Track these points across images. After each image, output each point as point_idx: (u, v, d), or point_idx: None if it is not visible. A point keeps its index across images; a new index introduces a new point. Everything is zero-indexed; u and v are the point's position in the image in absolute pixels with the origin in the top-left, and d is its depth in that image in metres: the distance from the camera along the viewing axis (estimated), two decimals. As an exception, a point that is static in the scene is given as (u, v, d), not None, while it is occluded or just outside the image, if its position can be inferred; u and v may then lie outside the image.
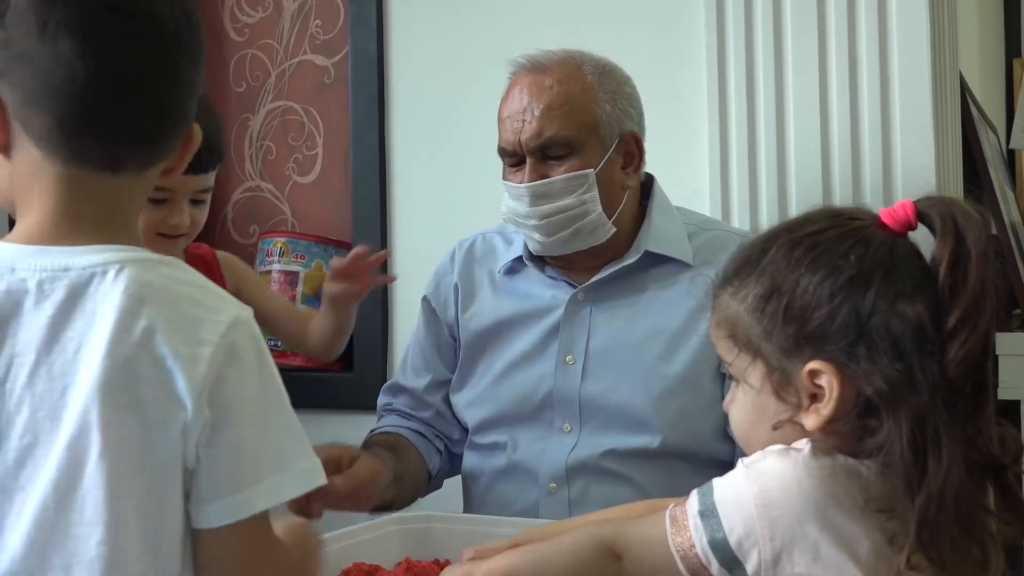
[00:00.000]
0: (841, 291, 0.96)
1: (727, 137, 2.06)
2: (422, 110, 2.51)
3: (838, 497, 0.93)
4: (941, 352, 0.95)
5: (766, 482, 0.94)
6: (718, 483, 0.98)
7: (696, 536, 0.96)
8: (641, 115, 1.75)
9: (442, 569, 1.31)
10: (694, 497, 0.98)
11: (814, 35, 1.99)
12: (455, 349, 1.82)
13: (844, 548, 0.92)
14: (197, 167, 1.65)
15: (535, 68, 1.70)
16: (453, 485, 1.82)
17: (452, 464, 1.83)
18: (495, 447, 1.72)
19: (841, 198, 1.95)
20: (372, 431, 1.78)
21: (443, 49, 2.49)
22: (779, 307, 0.98)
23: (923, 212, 1.00)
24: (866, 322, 0.95)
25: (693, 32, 2.13)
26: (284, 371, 2.18)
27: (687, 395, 1.65)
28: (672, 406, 1.64)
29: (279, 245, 2.63)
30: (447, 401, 1.81)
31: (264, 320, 1.80)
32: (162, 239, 1.69)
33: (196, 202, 1.70)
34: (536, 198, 1.65)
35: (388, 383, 1.90)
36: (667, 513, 0.99)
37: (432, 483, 1.81)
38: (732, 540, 0.94)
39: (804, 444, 0.96)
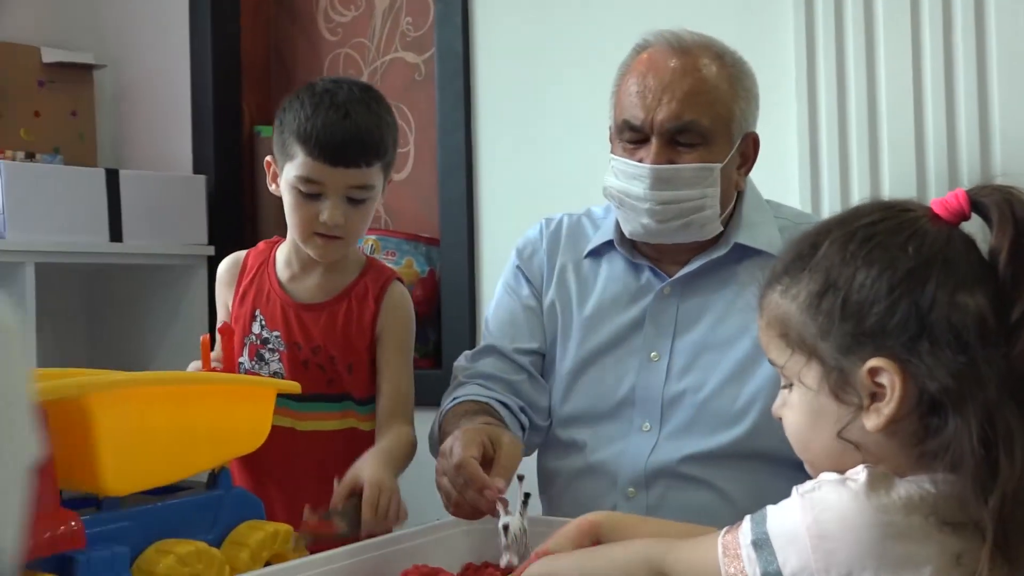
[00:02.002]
0: (900, 284, 0.92)
1: (816, 129, 1.99)
2: (508, 106, 2.50)
3: (897, 526, 0.89)
4: (1007, 344, 0.90)
5: (821, 513, 0.90)
6: (772, 512, 0.93)
7: (749, 567, 0.92)
8: (758, 115, 1.69)
9: (504, 574, 1.30)
10: (747, 525, 0.94)
11: (907, 21, 1.91)
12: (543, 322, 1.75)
13: None
14: (345, 160, 1.56)
15: (679, 48, 1.61)
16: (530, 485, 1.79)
17: (528, 443, 1.69)
18: (573, 445, 1.67)
19: (937, 191, 1.87)
20: (454, 399, 1.65)
21: (528, 45, 2.47)
22: (835, 304, 0.94)
23: (977, 201, 0.95)
24: (927, 315, 0.91)
25: (781, 20, 2.07)
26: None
27: (775, 394, 1.58)
28: (758, 406, 1.58)
29: (370, 243, 2.65)
30: (538, 368, 1.73)
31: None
32: (320, 239, 1.61)
33: (354, 202, 1.60)
34: (659, 182, 1.58)
35: (470, 351, 1.78)
36: (719, 540, 0.96)
37: None
38: (786, 573, 0.90)
39: (861, 472, 0.92)
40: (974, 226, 0.97)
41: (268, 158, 1.68)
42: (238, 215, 3.02)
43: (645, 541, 1.03)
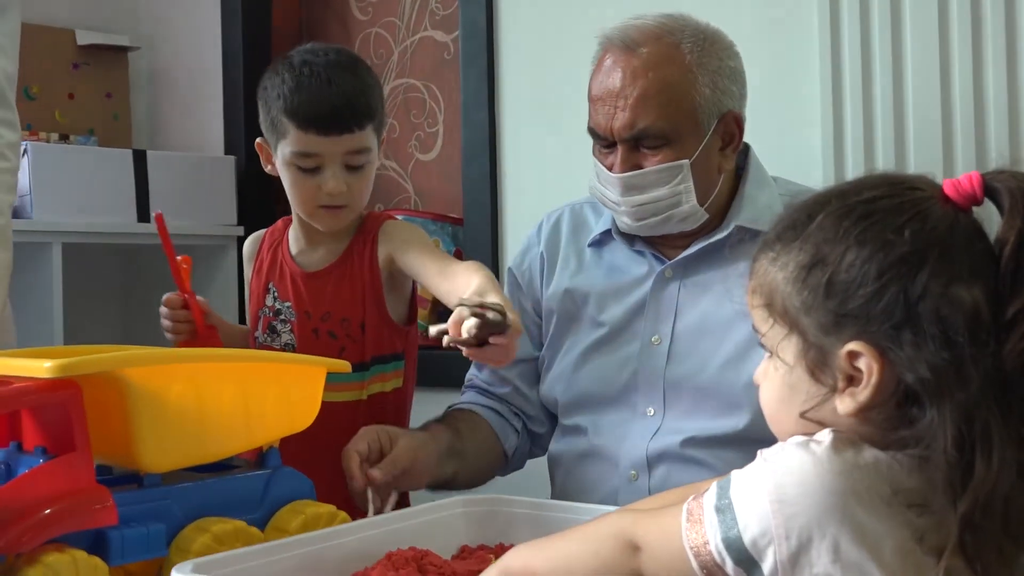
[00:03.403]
0: (891, 269, 0.87)
1: (841, 101, 1.93)
2: (532, 84, 2.47)
3: (860, 493, 0.85)
4: (997, 343, 0.85)
5: (782, 477, 0.86)
6: (736, 476, 0.90)
7: (711, 532, 0.89)
8: (743, 88, 1.64)
9: (497, 555, 1.28)
10: (713, 490, 0.91)
11: (935, 2, 1.85)
12: (539, 325, 1.76)
13: (866, 547, 0.84)
14: (339, 126, 1.56)
15: (628, 45, 1.57)
16: (540, 468, 1.78)
17: (533, 443, 1.77)
18: (576, 430, 1.66)
19: (964, 167, 1.81)
20: (450, 406, 1.73)
21: (554, 22, 2.43)
22: (821, 280, 0.90)
23: (991, 186, 0.89)
24: (915, 305, 0.86)
25: (805, 2, 2.01)
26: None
27: None
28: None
29: (397, 223, 2.64)
30: (525, 378, 1.75)
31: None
32: (324, 211, 1.60)
33: (353, 168, 1.59)
34: (628, 188, 1.57)
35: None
36: (684, 506, 0.92)
37: (511, 462, 1.75)
38: (747, 538, 0.87)
39: (826, 435, 0.89)
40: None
41: (259, 140, 1.67)
42: (268, 195, 3.02)
43: (615, 514, 1.01)
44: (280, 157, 1.61)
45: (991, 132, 1.81)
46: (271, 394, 1.32)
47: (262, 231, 1.79)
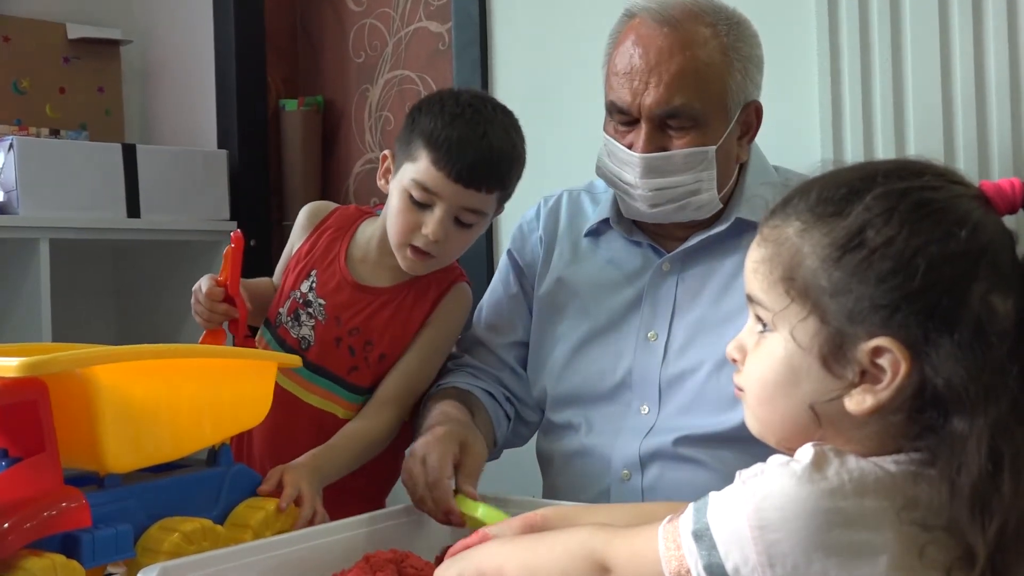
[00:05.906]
0: (944, 264, 0.81)
1: (839, 91, 1.89)
2: (524, 75, 2.43)
3: (845, 512, 0.80)
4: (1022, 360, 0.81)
5: (762, 501, 0.81)
6: (714, 499, 0.86)
7: (691, 559, 0.84)
8: (762, 78, 1.59)
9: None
10: (689, 513, 0.87)
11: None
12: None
13: (856, 569, 0.80)
14: (467, 179, 1.50)
15: (663, 20, 1.50)
16: (529, 465, 1.74)
17: (515, 434, 1.70)
18: (568, 427, 1.62)
19: (965, 157, 1.77)
20: (439, 385, 1.63)
21: (547, 11, 2.40)
22: (860, 262, 0.83)
23: None
24: (957, 307, 0.81)
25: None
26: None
27: None
28: None
29: (391, 217, 2.60)
30: (523, 363, 1.70)
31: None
32: (411, 252, 1.55)
33: (460, 223, 1.54)
34: (650, 170, 1.51)
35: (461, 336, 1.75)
36: (660, 529, 0.88)
37: (494, 452, 1.68)
38: (728, 566, 0.82)
39: (807, 451, 0.84)
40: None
41: (386, 152, 1.62)
42: (262, 190, 2.99)
43: (589, 529, 0.96)
44: (399, 178, 1.55)
45: (992, 122, 1.77)
46: (226, 390, 1.29)
47: (330, 205, 1.72)
